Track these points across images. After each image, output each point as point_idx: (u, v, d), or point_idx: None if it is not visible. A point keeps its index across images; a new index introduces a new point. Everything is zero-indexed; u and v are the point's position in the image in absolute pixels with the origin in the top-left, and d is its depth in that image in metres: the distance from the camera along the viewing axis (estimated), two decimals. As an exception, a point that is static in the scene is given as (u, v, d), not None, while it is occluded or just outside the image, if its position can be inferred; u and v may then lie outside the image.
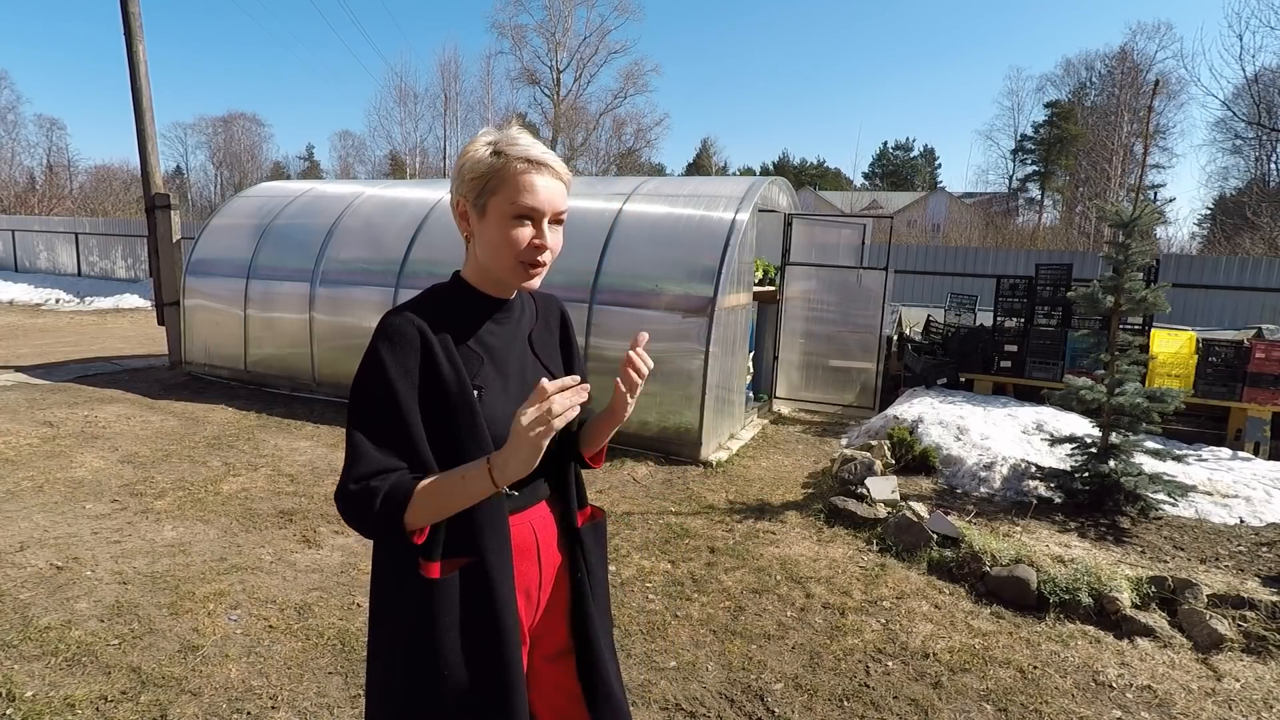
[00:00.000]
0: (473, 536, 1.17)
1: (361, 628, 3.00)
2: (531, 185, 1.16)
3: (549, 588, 1.34)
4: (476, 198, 1.18)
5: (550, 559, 1.34)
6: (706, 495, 4.79)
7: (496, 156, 1.16)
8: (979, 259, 11.91)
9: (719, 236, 5.73)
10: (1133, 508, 4.35)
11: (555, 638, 1.36)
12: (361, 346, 6.42)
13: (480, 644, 1.16)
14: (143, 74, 8.09)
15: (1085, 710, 2.64)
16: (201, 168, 53.41)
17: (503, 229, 1.17)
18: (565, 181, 1.21)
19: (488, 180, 1.16)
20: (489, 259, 1.21)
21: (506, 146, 1.16)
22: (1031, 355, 6.92)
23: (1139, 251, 4.39)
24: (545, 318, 1.39)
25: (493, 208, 1.17)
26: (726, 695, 2.66)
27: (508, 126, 1.21)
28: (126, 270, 18.98)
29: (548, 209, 1.18)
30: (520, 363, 1.29)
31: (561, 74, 36.19)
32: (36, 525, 3.91)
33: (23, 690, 2.50)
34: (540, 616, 1.34)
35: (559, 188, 1.20)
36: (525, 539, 1.28)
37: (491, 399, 1.21)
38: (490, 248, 1.19)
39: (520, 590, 1.25)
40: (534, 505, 1.32)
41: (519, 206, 1.15)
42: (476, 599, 1.16)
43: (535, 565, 1.30)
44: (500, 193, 1.16)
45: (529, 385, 1.27)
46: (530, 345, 1.33)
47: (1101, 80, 36.48)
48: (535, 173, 1.16)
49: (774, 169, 53.44)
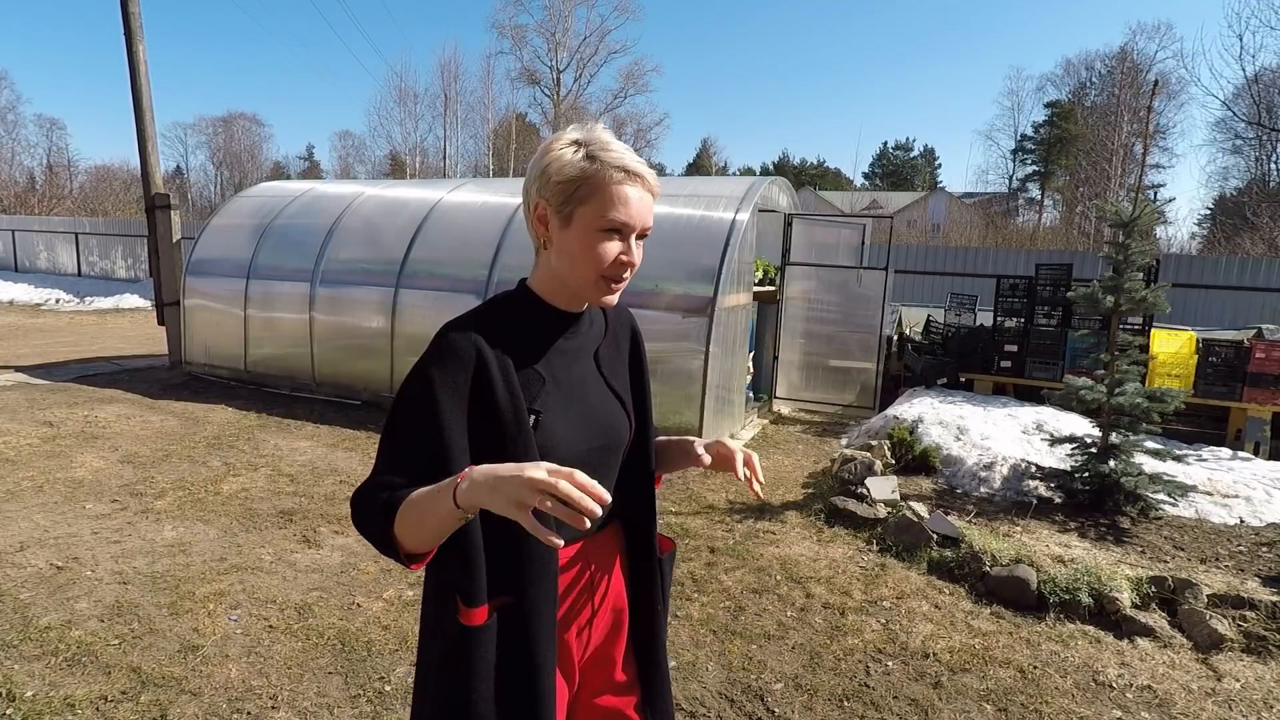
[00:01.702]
0: (514, 571, 1.07)
1: (362, 627, 3.00)
2: (625, 198, 1.06)
3: (605, 621, 1.24)
4: (562, 204, 1.07)
5: (608, 589, 1.24)
6: (706, 495, 4.79)
7: (590, 162, 1.06)
8: (979, 259, 11.92)
9: (719, 236, 5.73)
10: (1133, 508, 4.35)
11: (607, 673, 1.26)
12: (362, 346, 6.38)
13: (514, 690, 1.07)
14: (143, 74, 8.09)
15: (1085, 710, 2.64)
16: (201, 168, 53.52)
17: (589, 241, 1.07)
18: (656, 194, 1.12)
19: (578, 187, 1.06)
20: (568, 271, 1.11)
21: (600, 152, 1.06)
22: (1031, 355, 6.92)
23: (1139, 251, 4.39)
24: (615, 332, 1.28)
25: (580, 217, 1.07)
26: (726, 695, 2.66)
27: (593, 127, 1.10)
28: (126, 270, 18.99)
29: (639, 224, 1.08)
30: (583, 381, 1.19)
31: (561, 74, 36.25)
32: (36, 525, 3.91)
33: (23, 690, 2.50)
34: (591, 652, 1.24)
35: (650, 201, 1.11)
36: (577, 573, 1.19)
37: (551, 422, 1.11)
38: (571, 259, 1.09)
39: (572, 628, 1.18)
40: (597, 533, 1.23)
41: (611, 220, 1.06)
42: (512, 642, 1.07)
43: (589, 598, 1.20)
44: (590, 202, 1.06)
45: (590, 405, 1.18)
46: (596, 362, 1.22)
47: (1101, 80, 36.49)
48: (630, 184, 1.06)
49: (774, 169, 53.44)
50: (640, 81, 37.84)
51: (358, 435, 5.95)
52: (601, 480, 1.15)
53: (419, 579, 3.42)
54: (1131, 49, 33.44)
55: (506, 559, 1.07)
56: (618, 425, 1.21)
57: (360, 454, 5.43)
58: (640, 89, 39.13)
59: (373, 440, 5.81)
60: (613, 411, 1.21)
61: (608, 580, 1.23)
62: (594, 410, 1.18)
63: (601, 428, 1.18)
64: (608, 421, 1.19)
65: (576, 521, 0.84)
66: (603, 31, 36.46)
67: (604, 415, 1.19)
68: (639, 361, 1.31)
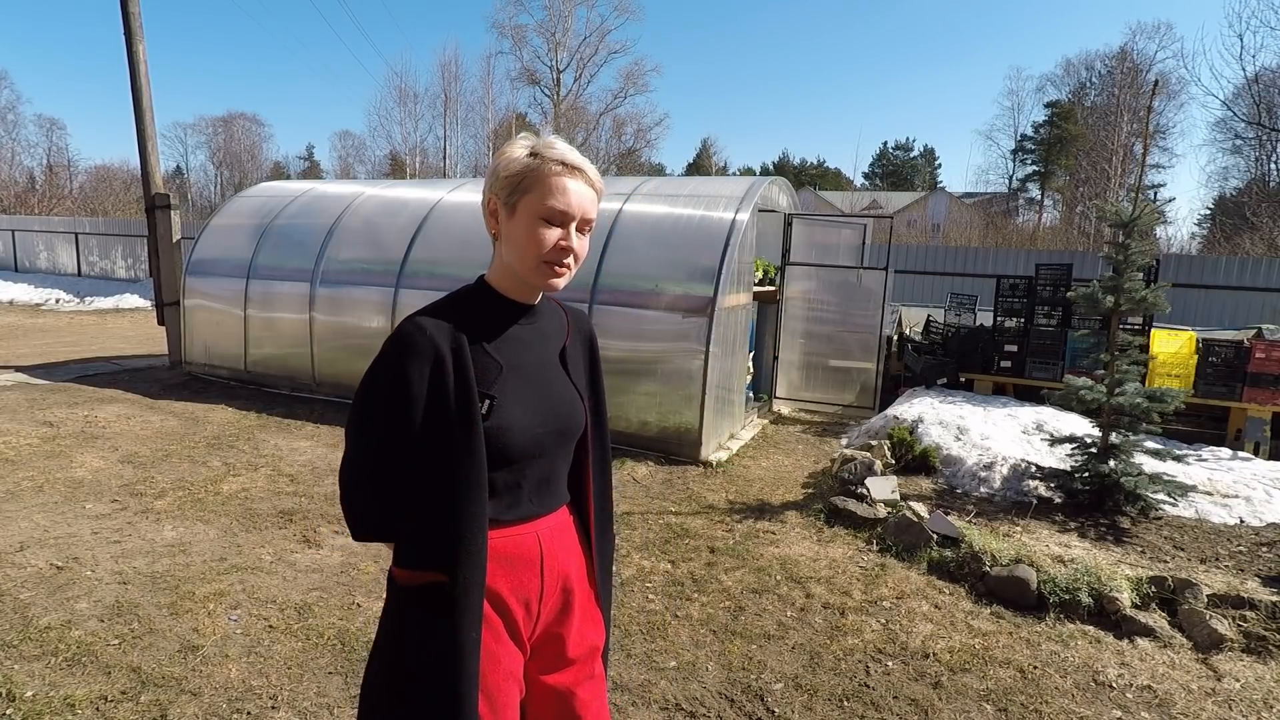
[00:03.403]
0: (441, 552, 1.15)
1: (362, 627, 3.00)
2: (564, 188, 1.18)
3: (554, 599, 1.30)
4: (508, 196, 1.20)
5: (560, 566, 1.30)
6: (706, 495, 4.79)
7: (533, 158, 1.19)
8: (979, 259, 11.91)
9: (719, 236, 5.73)
10: (1133, 508, 4.35)
11: (556, 650, 1.32)
12: (361, 346, 6.38)
13: (436, 669, 1.14)
14: (143, 74, 8.09)
15: (1085, 710, 2.64)
16: (201, 168, 53.51)
17: (530, 228, 1.18)
18: (597, 190, 1.24)
19: (521, 179, 1.19)
20: (513, 258, 1.22)
21: (543, 149, 1.19)
22: (1031, 355, 6.92)
23: (1139, 251, 4.38)
24: (576, 335, 1.40)
25: (523, 207, 1.19)
26: (726, 695, 2.66)
27: (546, 135, 1.24)
28: (126, 270, 18.98)
29: (577, 213, 1.20)
30: (546, 375, 1.29)
31: (561, 74, 36.23)
32: (36, 525, 3.91)
33: (23, 690, 2.50)
34: (541, 630, 1.30)
35: (590, 194, 1.22)
36: (527, 549, 1.26)
37: (507, 407, 1.21)
38: (516, 247, 1.21)
39: (519, 602, 1.24)
40: (546, 515, 1.30)
41: (549, 208, 1.17)
42: (438, 618, 1.14)
43: (537, 576, 1.26)
44: (532, 192, 1.18)
45: (555, 400, 1.29)
46: (563, 357, 1.34)
47: (1101, 80, 36.51)
48: (569, 176, 1.19)
49: (774, 169, 53.44)
50: (640, 81, 37.82)
51: (358, 435, 5.94)
52: (554, 463, 1.31)
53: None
54: (1131, 49, 33.49)
55: (434, 536, 1.16)
56: (575, 415, 1.32)
57: (360, 454, 5.42)
58: (640, 89, 39.03)
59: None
60: (572, 401, 1.32)
61: (558, 560, 1.30)
62: (554, 398, 1.29)
63: (559, 415, 1.28)
64: (566, 410, 1.30)
65: None
66: (603, 31, 36.47)
67: (563, 404, 1.30)
68: (595, 363, 1.43)
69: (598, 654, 1.37)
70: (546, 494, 1.30)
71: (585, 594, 1.36)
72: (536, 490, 1.27)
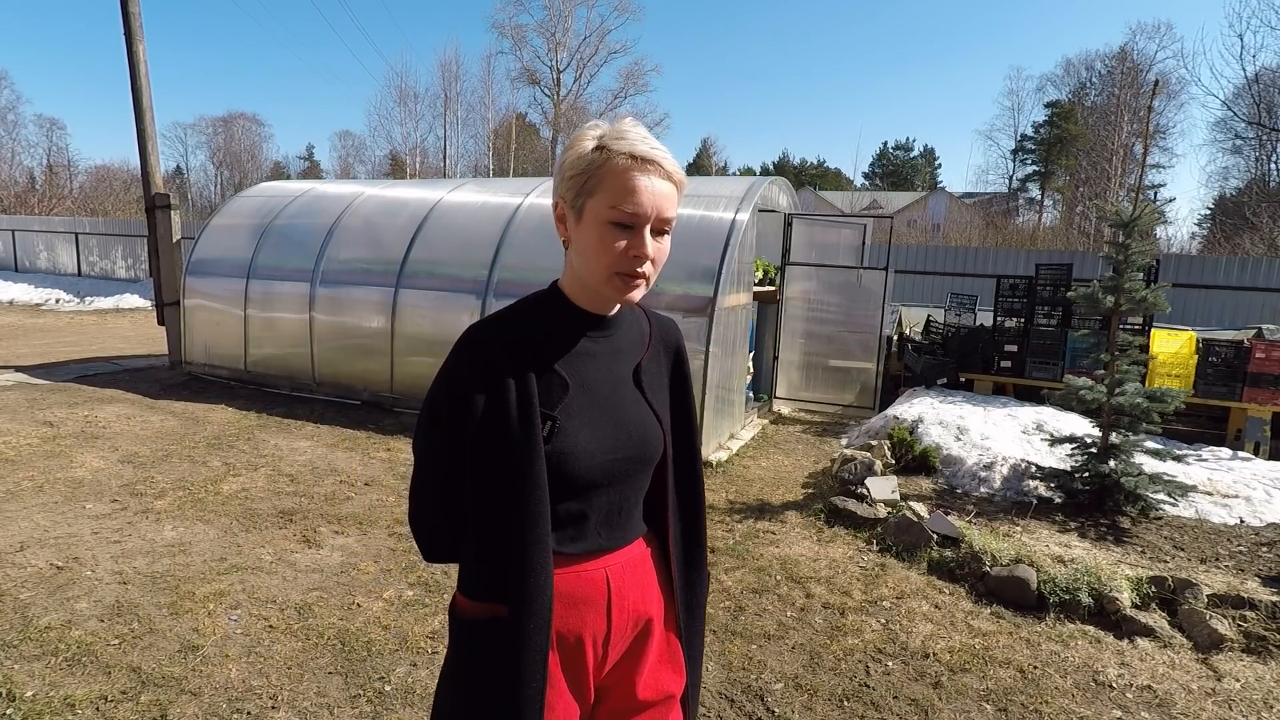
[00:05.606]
0: (501, 583, 1.06)
1: (362, 627, 3.00)
2: (634, 187, 1.00)
3: (624, 636, 1.18)
4: (574, 198, 1.04)
5: (632, 606, 1.17)
6: (706, 495, 4.77)
7: (598, 152, 1.02)
8: (979, 259, 11.92)
9: (719, 236, 5.73)
10: (1133, 508, 4.35)
11: (627, 692, 1.19)
12: (361, 346, 6.38)
13: (498, 703, 1.05)
14: (143, 74, 8.09)
15: (1085, 710, 2.64)
16: (201, 168, 53.49)
17: (599, 235, 1.02)
18: (676, 183, 1.05)
19: (586, 179, 1.02)
20: (583, 267, 1.07)
21: (611, 140, 1.02)
22: (1031, 355, 6.92)
23: (1139, 251, 4.38)
24: (659, 346, 1.23)
25: (589, 210, 1.03)
26: (726, 695, 2.66)
27: (620, 119, 1.06)
28: (126, 270, 19.00)
29: (650, 213, 1.02)
30: (619, 395, 1.14)
31: (561, 74, 36.27)
32: (36, 525, 3.91)
33: (23, 690, 2.50)
34: (610, 669, 1.18)
35: (667, 190, 1.03)
36: (593, 587, 1.13)
37: (572, 430, 1.07)
38: (584, 255, 1.05)
39: (582, 645, 1.12)
40: (618, 550, 1.16)
41: (617, 212, 1.01)
42: (501, 654, 1.05)
43: (603, 617, 1.13)
44: (598, 194, 1.02)
45: (627, 423, 1.14)
46: (637, 377, 1.17)
47: (1101, 80, 36.50)
48: (640, 172, 1.01)
49: (774, 169, 53.44)
50: (640, 81, 37.87)
51: (358, 435, 5.95)
52: (626, 493, 1.16)
53: (419, 579, 3.42)
54: (1131, 49, 33.48)
55: (501, 564, 1.06)
56: (649, 440, 1.16)
57: (360, 454, 5.43)
58: (640, 89, 39.03)
59: (373, 440, 5.81)
60: (646, 424, 1.16)
61: (628, 599, 1.17)
62: (626, 421, 1.14)
63: (631, 440, 1.13)
64: (639, 435, 1.15)
65: None
66: (603, 31, 36.53)
67: (636, 428, 1.14)
68: (681, 379, 1.27)
69: (674, 702, 1.24)
70: (617, 526, 1.16)
71: (663, 635, 1.23)
72: (605, 522, 1.14)
